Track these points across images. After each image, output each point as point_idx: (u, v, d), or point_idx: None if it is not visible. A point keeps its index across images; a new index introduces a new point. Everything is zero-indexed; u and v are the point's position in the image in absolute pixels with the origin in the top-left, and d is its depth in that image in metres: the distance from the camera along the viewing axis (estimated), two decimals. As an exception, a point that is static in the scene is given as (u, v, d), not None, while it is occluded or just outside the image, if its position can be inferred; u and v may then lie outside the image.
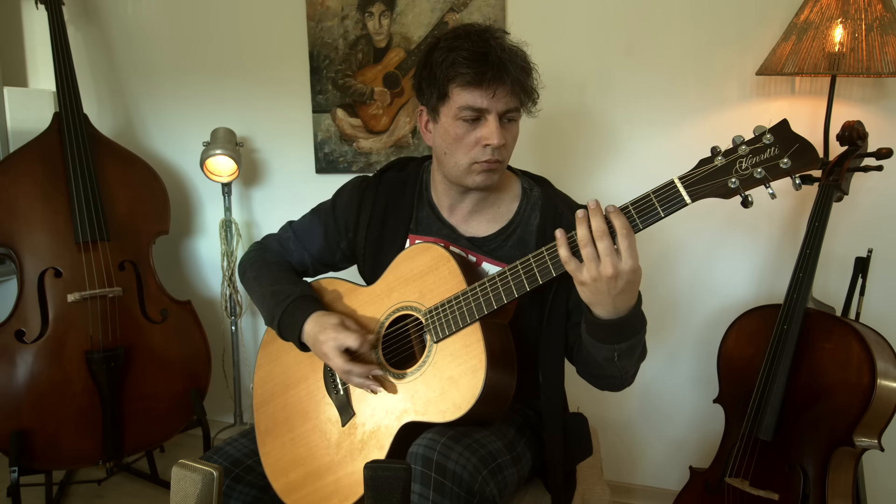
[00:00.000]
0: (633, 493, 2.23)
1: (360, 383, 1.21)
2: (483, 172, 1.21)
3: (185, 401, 2.23)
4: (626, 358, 1.11)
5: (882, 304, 1.80)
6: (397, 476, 0.79)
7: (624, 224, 0.97)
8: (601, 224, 0.98)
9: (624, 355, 1.09)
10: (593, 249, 0.98)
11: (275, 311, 1.28)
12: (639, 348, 1.13)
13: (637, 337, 1.08)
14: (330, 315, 1.24)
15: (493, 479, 1.10)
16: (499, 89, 1.15)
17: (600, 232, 0.98)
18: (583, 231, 0.99)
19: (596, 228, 0.98)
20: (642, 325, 1.08)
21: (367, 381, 1.20)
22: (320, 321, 1.23)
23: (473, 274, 1.21)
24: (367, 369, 1.19)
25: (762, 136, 0.93)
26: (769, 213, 1.94)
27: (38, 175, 2.09)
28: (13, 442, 1.96)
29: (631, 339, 1.07)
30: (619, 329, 1.05)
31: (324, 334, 1.20)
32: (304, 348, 1.28)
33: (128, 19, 2.54)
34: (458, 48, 1.16)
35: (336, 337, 1.19)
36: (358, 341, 1.18)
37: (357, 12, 2.22)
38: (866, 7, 1.56)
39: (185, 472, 0.89)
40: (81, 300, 2.05)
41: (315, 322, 1.24)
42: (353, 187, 1.40)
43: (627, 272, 0.98)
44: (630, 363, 1.14)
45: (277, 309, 1.28)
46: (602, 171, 2.08)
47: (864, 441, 1.50)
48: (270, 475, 1.29)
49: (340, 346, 1.18)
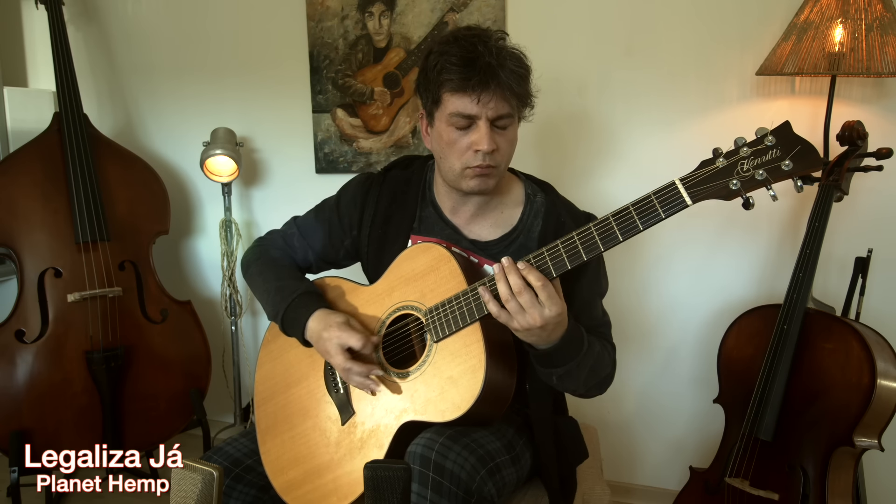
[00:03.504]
0: (633, 493, 2.23)
1: (359, 382, 1.21)
2: (476, 177, 1.21)
3: (185, 401, 2.23)
4: (567, 379, 1.16)
5: (882, 304, 1.80)
6: (397, 476, 0.79)
7: (538, 277, 1.04)
8: (517, 281, 1.05)
9: (564, 377, 1.15)
10: (516, 303, 1.05)
11: (279, 307, 1.29)
12: (580, 371, 1.16)
13: (573, 362, 1.13)
14: (335, 313, 1.24)
15: (492, 478, 1.10)
16: (484, 94, 1.14)
17: (518, 287, 1.04)
18: (503, 288, 1.06)
19: (514, 285, 1.05)
20: (576, 352, 1.13)
21: (366, 381, 1.20)
22: (325, 318, 1.23)
23: (474, 274, 1.21)
24: (368, 369, 1.20)
25: (764, 138, 0.93)
26: (769, 213, 1.94)
27: (38, 175, 2.09)
28: (13, 442, 1.96)
29: (566, 364, 1.12)
30: (554, 357, 1.12)
31: (328, 332, 1.21)
32: (306, 344, 1.28)
33: (128, 19, 2.54)
34: (448, 53, 1.16)
35: (339, 335, 1.19)
36: (361, 342, 1.18)
37: (357, 12, 2.22)
38: (866, 7, 1.56)
39: (185, 472, 0.89)
40: (81, 300, 2.05)
41: (319, 319, 1.24)
42: (357, 185, 1.40)
43: (553, 318, 1.04)
44: (575, 383, 1.19)
45: (282, 304, 1.28)
46: (602, 171, 2.08)
47: (864, 441, 1.50)
48: (270, 473, 1.29)
49: (343, 345, 1.19)
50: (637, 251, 2.07)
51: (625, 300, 2.09)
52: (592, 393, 1.26)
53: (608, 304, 1.34)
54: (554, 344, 1.09)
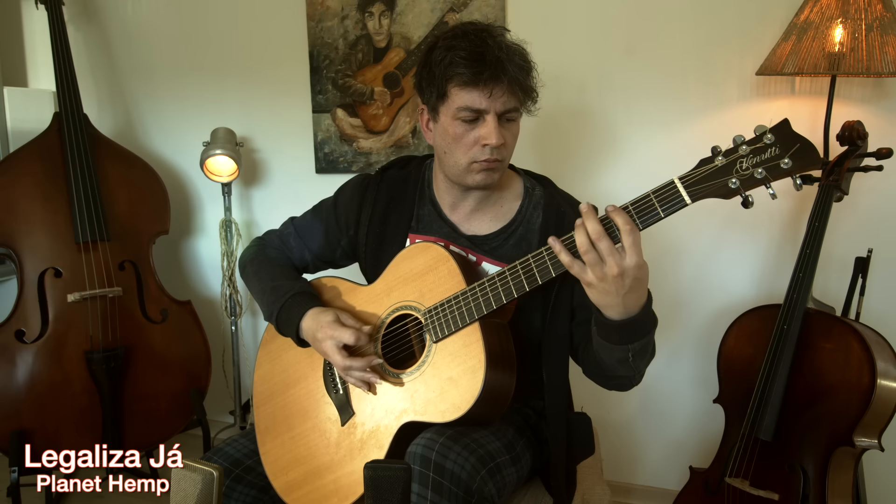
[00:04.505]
0: (633, 493, 2.23)
1: (360, 377, 1.20)
2: (483, 172, 1.21)
3: (185, 401, 2.23)
4: (640, 358, 1.11)
5: (882, 304, 1.80)
6: (397, 476, 0.79)
7: (626, 220, 0.96)
8: (596, 226, 0.98)
9: (637, 355, 1.09)
10: (595, 254, 0.98)
11: (273, 307, 1.29)
12: (650, 347, 1.13)
13: (649, 336, 1.08)
14: (326, 311, 1.24)
15: (492, 478, 1.10)
16: (496, 89, 1.15)
17: (597, 234, 0.97)
18: (581, 238, 0.98)
19: (592, 231, 0.98)
20: (653, 323, 1.08)
21: (366, 375, 1.20)
22: (317, 318, 1.23)
23: (473, 274, 1.21)
24: (366, 361, 1.19)
25: (763, 136, 0.93)
26: (769, 213, 1.94)
27: (38, 175, 2.09)
28: (13, 442, 1.96)
29: (644, 338, 1.07)
30: (632, 329, 1.05)
31: (321, 332, 1.21)
32: (302, 344, 1.29)
33: (128, 19, 2.54)
34: (456, 47, 1.15)
35: (333, 335, 1.19)
36: (354, 337, 1.18)
37: (357, 12, 2.22)
38: (866, 7, 1.56)
39: (185, 472, 0.89)
40: (81, 300, 2.05)
41: (312, 319, 1.24)
42: (355, 185, 1.40)
43: (633, 268, 0.97)
44: (643, 363, 1.15)
45: (276, 304, 1.29)
46: (602, 170, 2.08)
47: (864, 441, 1.50)
48: (270, 474, 1.29)
49: (338, 343, 1.19)
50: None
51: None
52: (637, 380, 1.21)
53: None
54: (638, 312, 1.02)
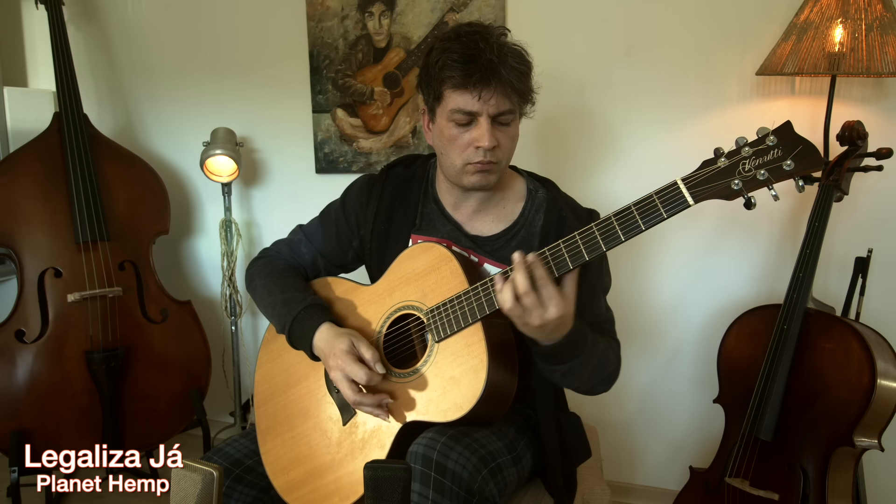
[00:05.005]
0: (633, 493, 2.23)
1: (369, 412, 1.19)
2: (477, 173, 1.21)
3: (185, 401, 2.23)
4: (571, 377, 1.17)
5: (882, 304, 1.80)
6: (397, 476, 0.79)
7: (541, 275, 1.02)
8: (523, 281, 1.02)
9: (567, 374, 1.15)
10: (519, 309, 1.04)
11: (285, 320, 1.27)
12: (584, 368, 1.15)
13: (577, 360, 1.12)
14: (341, 337, 1.20)
15: (493, 478, 1.10)
16: (485, 91, 1.14)
17: (523, 289, 1.02)
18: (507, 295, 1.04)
19: (518, 285, 1.02)
20: (579, 350, 1.12)
21: (376, 411, 1.18)
22: (331, 343, 1.20)
23: (475, 274, 1.21)
24: (378, 399, 1.17)
25: (765, 138, 0.93)
26: (769, 213, 1.94)
27: (38, 175, 2.09)
28: (13, 442, 1.96)
29: (570, 362, 1.12)
30: (556, 354, 1.11)
31: (333, 360, 1.18)
32: (315, 359, 1.26)
33: (128, 19, 2.54)
34: (450, 50, 1.16)
35: (344, 367, 1.16)
36: (366, 378, 1.15)
37: (357, 12, 2.22)
38: (866, 7, 1.57)
39: (185, 472, 0.89)
40: (81, 300, 2.05)
41: (326, 340, 1.21)
42: (361, 184, 1.41)
43: (554, 320, 1.03)
44: (579, 380, 1.20)
45: (288, 317, 1.26)
46: (602, 170, 2.08)
47: (864, 441, 1.50)
48: (271, 473, 1.29)
49: (348, 378, 1.16)
50: (637, 251, 2.07)
51: (625, 300, 2.08)
52: (598, 390, 1.25)
53: (610, 302, 1.34)
54: (557, 341, 1.09)
